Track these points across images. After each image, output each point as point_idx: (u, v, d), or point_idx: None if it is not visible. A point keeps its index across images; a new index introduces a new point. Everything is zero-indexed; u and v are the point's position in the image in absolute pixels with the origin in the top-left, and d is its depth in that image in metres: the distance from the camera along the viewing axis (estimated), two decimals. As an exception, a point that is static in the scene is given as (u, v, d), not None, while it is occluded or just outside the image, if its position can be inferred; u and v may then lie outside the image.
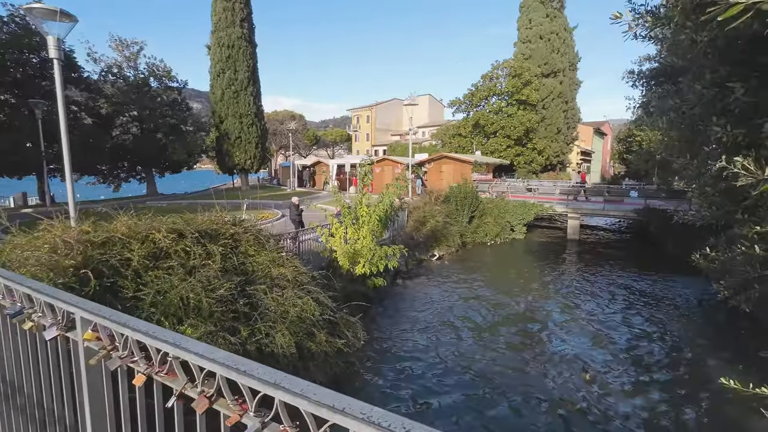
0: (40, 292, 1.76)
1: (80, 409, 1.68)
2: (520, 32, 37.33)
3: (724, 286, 4.36)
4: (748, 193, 3.35)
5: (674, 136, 4.63)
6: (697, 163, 4.28)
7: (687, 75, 4.52)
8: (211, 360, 1.13)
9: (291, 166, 36.03)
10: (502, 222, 20.41)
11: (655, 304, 12.18)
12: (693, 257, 4.60)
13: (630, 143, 37.89)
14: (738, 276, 3.93)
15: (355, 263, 10.47)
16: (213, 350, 1.16)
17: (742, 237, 3.58)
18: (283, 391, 1.00)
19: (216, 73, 30.76)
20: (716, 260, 4.19)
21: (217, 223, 7.61)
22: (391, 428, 0.86)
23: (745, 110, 3.30)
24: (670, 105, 4.63)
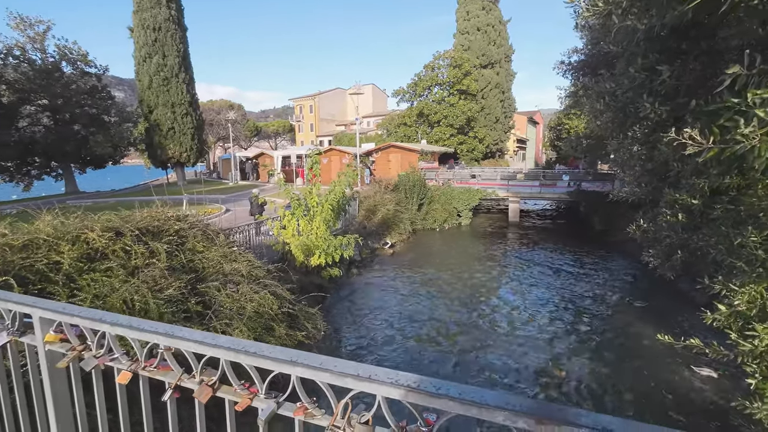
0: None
1: (42, 421, 1.50)
2: (459, 23, 38.38)
3: (653, 255, 4.95)
4: (672, 169, 3.83)
5: (609, 118, 5.11)
6: (628, 143, 4.79)
7: (621, 61, 5.00)
8: (213, 346, 1.07)
9: (232, 158, 34.27)
10: (450, 208, 21.14)
11: (584, 274, 13.48)
12: (629, 229, 5.17)
13: (560, 131, 40.88)
14: (663, 243, 4.50)
15: (310, 255, 10.30)
16: (214, 336, 1.10)
17: (666, 206, 4.10)
18: (303, 367, 0.98)
19: (142, 58, 28.11)
20: (647, 231, 4.74)
21: (158, 219, 7.09)
22: (422, 388, 0.88)
23: (671, 91, 3.75)
24: (606, 89, 5.10)
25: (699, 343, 3.29)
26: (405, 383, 0.90)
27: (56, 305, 1.37)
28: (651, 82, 3.89)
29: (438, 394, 0.86)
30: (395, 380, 0.91)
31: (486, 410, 0.82)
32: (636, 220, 4.99)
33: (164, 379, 1.20)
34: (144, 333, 1.18)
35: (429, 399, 0.87)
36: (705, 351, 3.22)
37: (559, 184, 23.01)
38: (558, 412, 0.79)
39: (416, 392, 0.88)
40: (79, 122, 25.80)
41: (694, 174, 3.61)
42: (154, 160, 30.74)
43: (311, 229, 10.59)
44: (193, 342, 1.10)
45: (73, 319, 1.31)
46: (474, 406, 0.83)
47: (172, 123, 28.97)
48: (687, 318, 9.84)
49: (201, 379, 1.14)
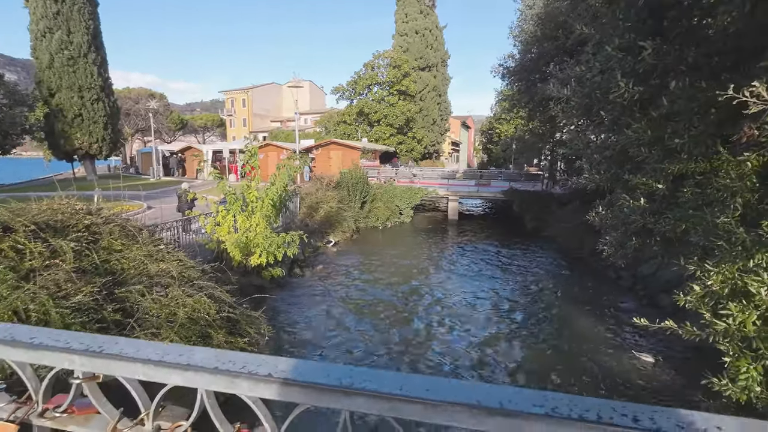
0: None
1: None
2: (398, 25, 38.83)
3: (608, 242, 5.18)
4: (634, 155, 3.98)
5: (575, 104, 5.26)
6: (590, 130, 4.97)
7: (590, 45, 5.16)
8: (183, 367, 0.62)
9: (154, 151, 31.09)
10: (392, 206, 21.13)
11: (517, 266, 14.26)
12: (588, 216, 5.36)
13: (491, 135, 43.28)
14: (619, 231, 4.71)
15: (249, 254, 9.48)
16: (183, 349, 0.65)
17: (627, 192, 4.28)
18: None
19: (40, 33, 24.23)
20: (605, 218, 4.94)
21: (63, 212, 5.93)
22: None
23: (648, 71, 3.88)
24: (576, 72, 5.24)
25: (673, 325, 3.40)
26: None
27: None
28: (626, 63, 4.01)
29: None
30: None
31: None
32: (594, 207, 5.20)
33: (84, 430, 0.71)
34: (42, 351, 0.69)
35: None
36: (678, 332, 3.34)
37: (495, 183, 24.21)
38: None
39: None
40: (-45, 103, 21.52)
41: (659, 159, 3.78)
42: (57, 150, 26.81)
43: (250, 226, 9.75)
44: (142, 362, 0.64)
45: None
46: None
47: (79, 109, 25.43)
48: (615, 303, 10.76)
49: (158, 425, 0.68)
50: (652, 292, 10.93)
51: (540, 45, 13.68)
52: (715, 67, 3.49)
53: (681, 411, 0.58)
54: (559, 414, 0.53)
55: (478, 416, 0.54)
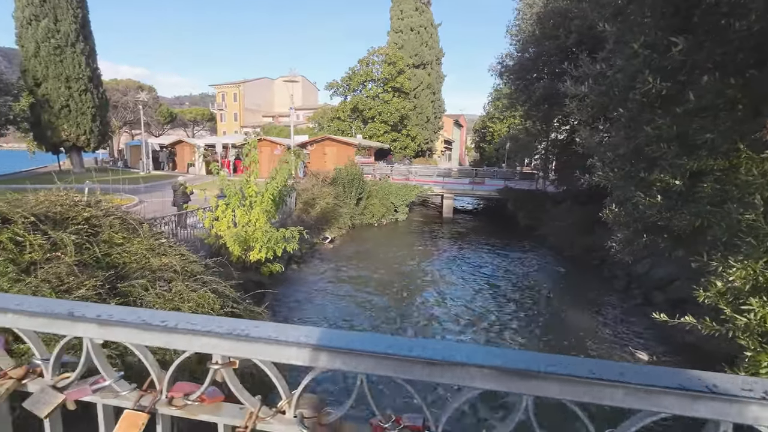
0: None
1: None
2: (393, 22, 38.69)
3: (619, 240, 5.23)
4: (654, 152, 4.01)
5: (590, 102, 5.25)
6: (606, 128, 5.00)
7: (610, 42, 5.17)
8: (345, 352, 0.58)
9: (143, 145, 30.48)
10: (387, 203, 21.09)
11: (511, 263, 14.41)
12: (603, 213, 5.40)
13: (484, 133, 43.51)
14: (631, 228, 4.75)
15: (249, 249, 9.35)
16: (342, 334, 0.61)
17: (641, 189, 4.32)
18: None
19: (25, 20, 23.50)
20: (619, 215, 4.98)
21: (61, 204, 5.76)
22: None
23: (676, 67, 3.90)
24: (596, 70, 5.25)
25: (692, 320, 3.45)
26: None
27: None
28: (652, 59, 4.03)
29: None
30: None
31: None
32: (607, 205, 5.25)
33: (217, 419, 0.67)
34: (176, 335, 0.64)
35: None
36: (698, 327, 3.38)
37: (488, 182, 24.34)
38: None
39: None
40: (-65, 91, 20.76)
41: (678, 156, 3.82)
42: (43, 142, 26.11)
43: (249, 221, 9.62)
44: (297, 346, 0.61)
45: None
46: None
47: (66, 100, 24.78)
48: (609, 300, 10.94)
49: (300, 413, 0.64)
50: (646, 289, 11.14)
51: (539, 44, 13.77)
52: (740, 64, 3.54)
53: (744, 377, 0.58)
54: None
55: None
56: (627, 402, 0.52)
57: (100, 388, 0.68)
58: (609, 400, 0.53)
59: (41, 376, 0.70)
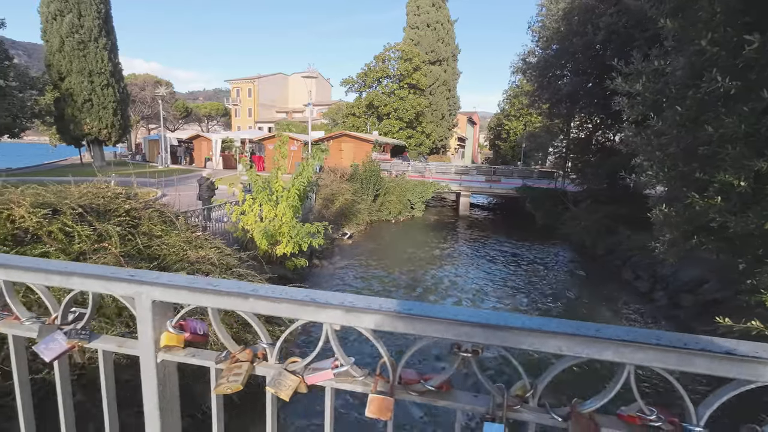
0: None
1: None
2: (409, 18, 38.47)
3: (666, 241, 5.14)
4: (718, 153, 3.92)
5: (642, 100, 5.12)
6: (659, 127, 4.89)
7: (669, 39, 5.06)
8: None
9: (162, 139, 30.91)
10: (404, 200, 21.09)
11: (530, 264, 14.31)
12: (651, 213, 5.32)
13: (499, 131, 43.11)
14: (681, 229, 4.67)
15: (276, 243, 9.45)
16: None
17: (696, 190, 4.23)
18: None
19: (51, 15, 23.96)
20: (669, 215, 4.89)
21: (103, 196, 5.88)
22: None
23: (749, 65, 3.81)
24: (651, 67, 5.15)
25: (760, 325, 3.39)
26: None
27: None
28: (719, 57, 3.94)
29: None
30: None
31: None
32: (657, 205, 5.15)
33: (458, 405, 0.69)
34: (437, 325, 0.67)
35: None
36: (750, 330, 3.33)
37: (504, 180, 24.15)
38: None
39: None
40: (-35, 84, 21.28)
41: (745, 156, 3.72)
42: (66, 135, 26.64)
43: (275, 215, 9.72)
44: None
45: None
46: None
47: (89, 94, 25.23)
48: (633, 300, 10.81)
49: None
50: (672, 292, 10.96)
51: (564, 41, 13.56)
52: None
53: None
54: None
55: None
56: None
57: (340, 373, 0.70)
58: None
59: (265, 359, 0.73)
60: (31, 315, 0.94)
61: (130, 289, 0.77)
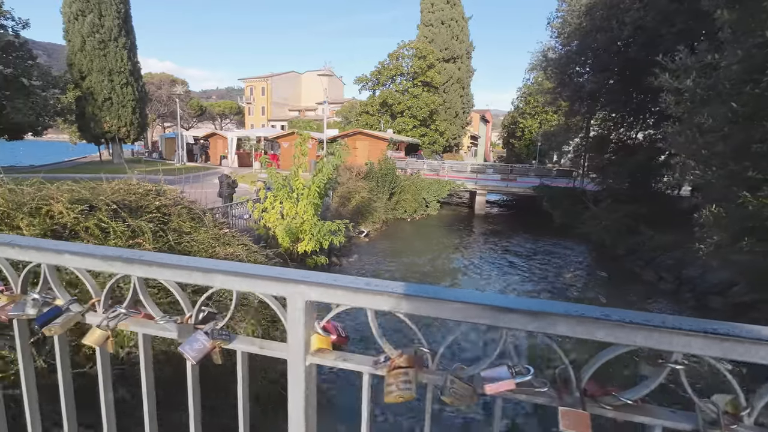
0: None
1: None
2: (423, 15, 38.20)
3: (711, 243, 4.99)
4: (758, 150, 3.78)
5: (689, 96, 4.94)
6: (710, 125, 4.74)
7: (724, 30, 4.89)
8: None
9: (178, 137, 31.31)
10: (419, 198, 21.00)
11: (550, 264, 14.12)
12: (701, 214, 5.17)
13: (514, 130, 42.62)
14: (731, 229, 4.51)
15: (297, 240, 9.47)
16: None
17: (749, 189, 4.07)
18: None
19: (72, 15, 24.41)
20: (719, 216, 4.74)
21: (135, 193, 5.95)
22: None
23: None
24: (705, 61, 4.99)
25: None
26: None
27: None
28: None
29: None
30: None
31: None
32: (705, 206, 5.00)
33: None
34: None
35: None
36: None
37: (520, 179, 23.89)
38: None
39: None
40: (-9, 83, 21.84)
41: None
42: (86, 133, 27.16)
43: (296, 213, 9.74)
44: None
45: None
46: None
47: (109, 93, 25.67)
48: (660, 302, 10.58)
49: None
50: (700, 294, 10.68)
51: (587, 37, 13.28)
52: None
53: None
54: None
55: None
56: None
57: (523, 383, 0.65)
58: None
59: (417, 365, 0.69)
60: (164, 314, 0.92)
61: (283, 289, 0.73)
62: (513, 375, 0.65)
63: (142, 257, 0.87)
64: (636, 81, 13.56)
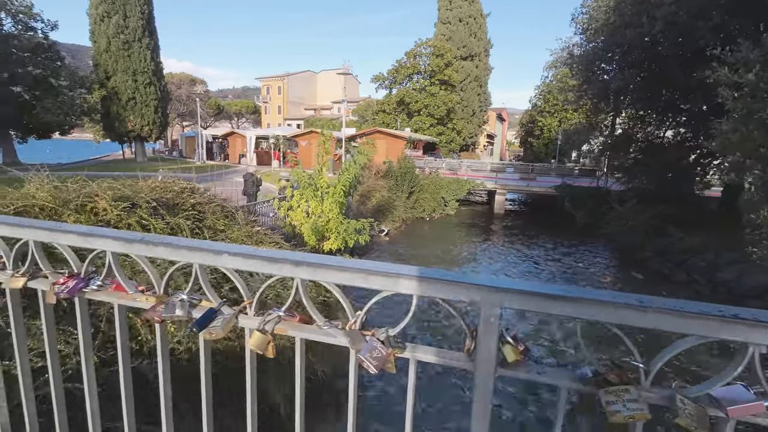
0: None
1: None
2: (441, 13, 37.90)
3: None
4: None
5: (750, 91, 4.74)
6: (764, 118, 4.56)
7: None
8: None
9: (198, 136, 31.83)
10: (437, 198, 20.87)
11: (575, 266, 13.83)
12: (759, 215, 4.97)
13: (532, 128, 42.00)
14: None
15: (323, 239, 9.50)
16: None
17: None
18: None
19: (98, 17, 25.01)
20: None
21: (171, 190, 6.03)
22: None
23: None
24: (752, 57, 4.77)
25: None
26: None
27: None
28: None
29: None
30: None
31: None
32: (760, 207, 4.79)
33: None
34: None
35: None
36: None
37: (540, 178, 23.53)
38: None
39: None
40: (22, 84, 22.51)
41: None
42: (111, 132, 27.81)
43: (321, 211, 9.76)
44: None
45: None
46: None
47: (133, 92, 26.24)
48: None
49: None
50: (738, 297, 10.32)
51: (616, 32, 12.94)
52: None
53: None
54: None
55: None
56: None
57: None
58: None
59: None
60: (326, 320, 0.89)
61: (476, 295, 0.69)
62: (759, 396, 0.59)
63: (309, 259, 0.84)
64: (666, 78, 13.18)
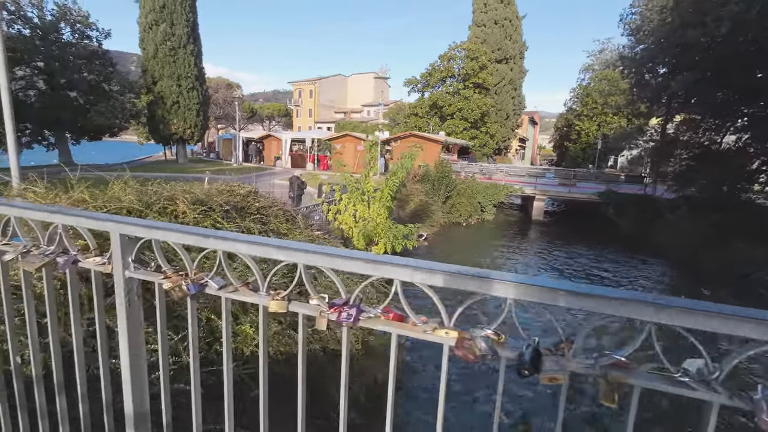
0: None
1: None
2: (475, 15, 37.56)
3: None
4: None
5: None
6: None
7: None
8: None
9: (236, 139, 32.78)
10: (474, 202, 20.58)
11: (632, 277, 13.23)
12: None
13: (568, 132, 40.82)
14: None
15: (371, 243, 9.51)
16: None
17: None
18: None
19: (147, 25, 26.25)
20: None
21: (238, 194, 6.17)
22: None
23: None
24: None
25: None
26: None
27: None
28: None
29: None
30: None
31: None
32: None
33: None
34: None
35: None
36: None
37: (580, 184, 22.76)
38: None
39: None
40: (77, 89, 23.89)
41: None
42: (155, 135, 29.07)
43: (369, 215, 9.78)
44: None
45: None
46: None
47: (177, 97, 27.34)
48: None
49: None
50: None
51: (674, 33, 12.35)
52: None
53: None
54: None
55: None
56: None
57: None
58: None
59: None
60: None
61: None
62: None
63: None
64: (726, 79, 12.48)
